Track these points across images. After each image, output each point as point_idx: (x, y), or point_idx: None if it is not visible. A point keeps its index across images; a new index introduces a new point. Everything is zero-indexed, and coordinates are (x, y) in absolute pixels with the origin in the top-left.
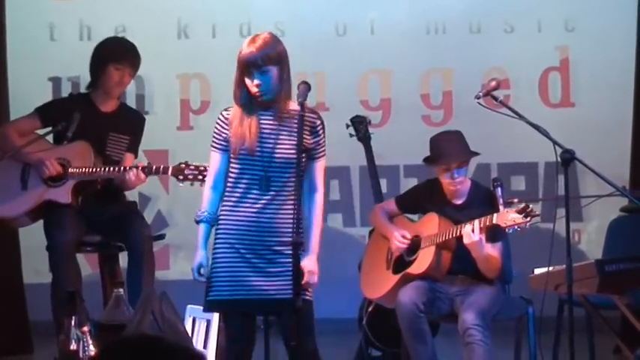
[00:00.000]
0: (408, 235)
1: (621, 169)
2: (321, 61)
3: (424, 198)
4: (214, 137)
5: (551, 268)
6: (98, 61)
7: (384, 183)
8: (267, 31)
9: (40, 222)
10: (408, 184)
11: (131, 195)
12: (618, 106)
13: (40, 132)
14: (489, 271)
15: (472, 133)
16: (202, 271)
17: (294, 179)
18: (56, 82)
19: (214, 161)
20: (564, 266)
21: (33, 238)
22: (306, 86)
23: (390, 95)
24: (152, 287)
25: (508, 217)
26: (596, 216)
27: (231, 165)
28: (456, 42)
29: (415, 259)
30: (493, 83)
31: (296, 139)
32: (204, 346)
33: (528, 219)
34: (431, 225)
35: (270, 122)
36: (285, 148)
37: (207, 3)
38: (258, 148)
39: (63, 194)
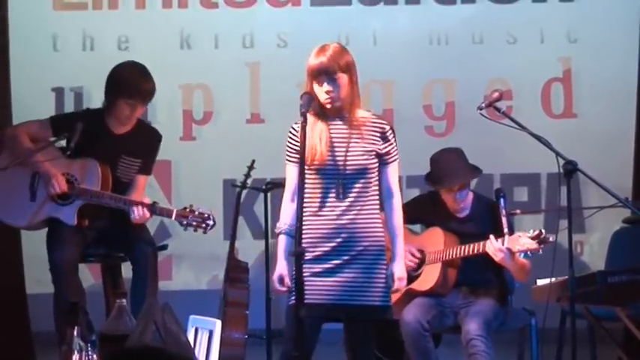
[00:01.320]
0: (418, 254)
1: (624, 181)
2: None
3: (427, 209)
4: (287, 150)
5: (553, 280)
6: (111, 90)
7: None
8: (336, 42)
9: (43, 232)
10: (411, 194)
11: None
12: (621, 118)
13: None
14: (524, 276)
15: (474, 144)
16: (285, 281)
17: (370, 185)
18: (59, 92)
19: (290, 174)
20: (567, 277)
21: (35, 248)
22: (308, 97)
23: (393, 106)
24: (155, 298)
25: (520, 241)
26: (598, 227)
27: (307, 176)
28: (458, 53)
29: (420, 275)
30: (496, 94)
31: (368, 145)
32: (207, 357)
33: (542, 246)
34: (435, 240)
35: (341, 130)
36: (357, 155)
37: (210, 14)
38: (330, 157)
39: (69, 215)
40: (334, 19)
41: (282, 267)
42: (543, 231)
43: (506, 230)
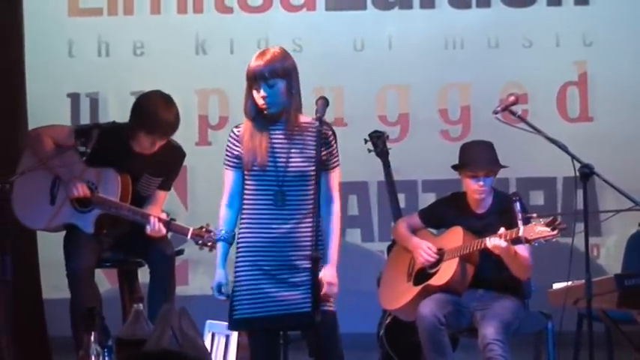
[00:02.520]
0: (434, 249)
1: None
2: (339, 76)
3: (448, 211)
4: (226, 155)
5: (570, 283)
6: (133, 119)
7: (402, 198)
8: (279, 46)
9: (60, 236)
10: (427, 199)
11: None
12: (637, 121)
13: None
14: (522, 272)
15: None
16: (222, 289)
17: (311, 193)
18: (75, 98)
19: (228, 179)
20: (583, 281)
21: (52, 253)
22: (324, 101)
23: (408, 110)
24: (172, 303)
25: (535, 229)
26: (615, 230)
27: (246, 181)
28: (474, 57)
29: (437, 271)
30: (511, 98)
31: (309, 151)
32: None
33: (556, 232)
34: (455, 238)
35: (281, 136)
36: (298, 161)
37: (225, 19)
38: (271, 163)
39: (87, 223)
40: (349, 24)
41: (219, 275)
42: (558, 218)
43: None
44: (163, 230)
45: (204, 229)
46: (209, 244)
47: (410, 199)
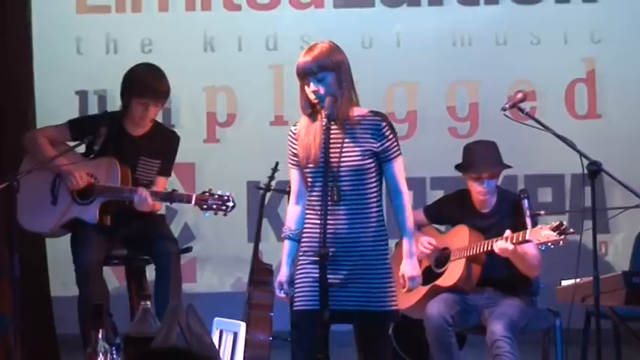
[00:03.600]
0: (434, 242)
1: None
2: None
3: (453, 208)
4: (288, 154)
5: (578, 280)
6: (124, 91)
7: (410, 195)
8: (328, 40)
9: (67, 235)
10: (435, 196)
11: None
12: None
13: (70, 144)
14: (531, 270)
15: (498, 145)
16: (284, 287)
17: (369, 186)
18: (83, 95)
19: (293, 178)
20: (591, 278)
21: (60, 252)
22: (332, 99)
23: (417, 107)
24: (179, 300)
25: (541, 233)
26: (623, 228)
27: (307, 179)
28: (482, 54)
29: (444, 271)
30: (519, 95)
31: (363, 145)
32: (232, 359)
33: (563, 237)
34: (461, 237)
35: (335, 130)
36: (352, 155)
37: (234, 16)
38: (322, 158)
39: (91, 214)
40: (357, 21)
41: (282, 274)
42: (564, 222)
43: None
44: (149, 198)
45: (207, 194)
46: (214, 207)
47: (418, 197)
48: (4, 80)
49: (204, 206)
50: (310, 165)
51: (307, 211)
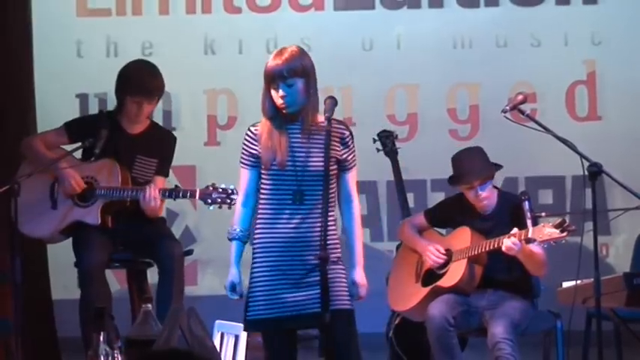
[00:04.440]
0: (442, 249)
1: None
2: (348, 75)
3: (454, 211)
4: (243, 154)
5: (579, 282)
6: (117, 89)
7: (411, 197)
8: (295, 44)
9: (67, 239)
10: (435, 198)
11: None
12: None
13: (69, 148)
14: (538, 269)
15: (499, 147)
16: (237, 289)
17: (329, 193)
18: (83, 98)
19: (244, 178)
20: (592, 280)
21: (61, 255)
22: (332, 101)
23: (417, 110)
24: (181, 303)
25: (544, 231)
26: (623, 229)
27: (263, 180)
28: (482, 56)
29: (446, 272)
30: (520, 97)
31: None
32: None
33: (565, 234)
34: (463, 238)
35: (299, 136)
36: (317, 161)
37: (234, 19)
38: (290, 162)
39: (92, 216)
40: (358, 24)
41: (233, 274)
42: (566, 219)
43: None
44: (158, 196)
45: (211, 188)
46: (219, 200)
47: (419, 199)
48: (5, 83)
49: (209, 200)
50: (274, 167)
51: (264, 213)
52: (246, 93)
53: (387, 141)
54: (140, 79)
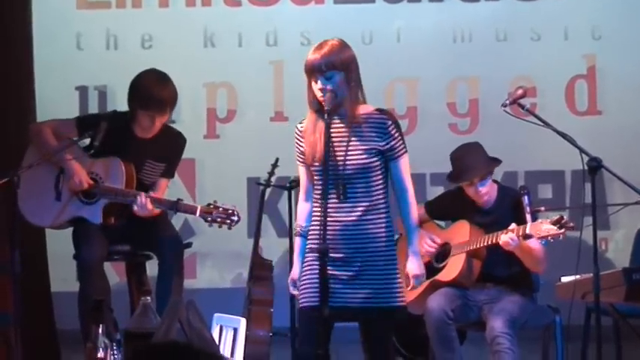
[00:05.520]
0: (438, 240)
1: None
2: None
3: (454, 204)
4: (295, 152)
5: (578, 277)
6: (130, 99)
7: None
8: (338, 38)
9: (68, 229)
10: (435, 192)
11: None
12: None
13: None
14: (537, 265)
15: (499, 141)
16: (297, 284)
17: (374, 184)
18: (83, 91)
19: (301, 175)
20: (591, 275)
21: (60, 247)
22: (332, 94)
23: (417, 103)
24: (180, 296)
25: (542, 227)
26: (623, 224)
27: (313, 175)
28: (482, 50)
29: (444, 266)
30: (520, 91)
31: (369, 143)
32: (232, 355)
33: (563, 230)
34: (461, 232)
35: (341, 128)
36: (357, 153)
37: (234, 12)
38: (331, 156)
39: (95, 214)
40: (358, 17)
41: (294, 271)
42: (564, 216)
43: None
44: (150, 205)
45: (212, 206)
46: (218, 220)
47: (418, 193)
48: (4, 75)
49: (209, 219)
50: (315, 163)
51: (314, 209)
52: (246, 86)
53: None
54: (151, 93)
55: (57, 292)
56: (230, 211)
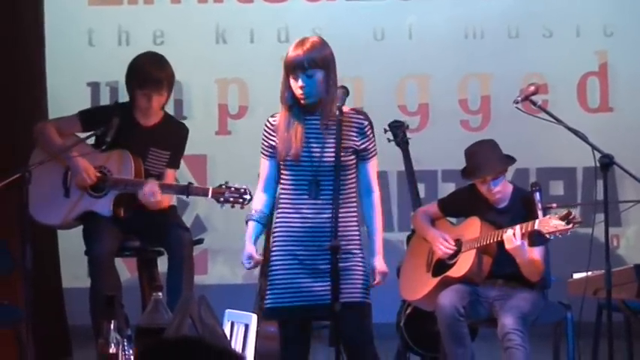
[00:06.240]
0: (451, 241)
1: None
2: (360, 66)
3: (467, 202)
4: (262, 144)
5: (589, 273)
6: (127, 82)
7: (422, 188)
8: (317, 35)
9: (78, 227)
10: (446, 188)
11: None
12: None
13: (81, 136)
14: (532, 275)
15: (510, 138)
16: (253, 257)
17: (348, 183)
18: (95, 87)
19: (263, 167)
20: (603, 271)
21: (71, 243)
22: (344, 91)
23: (428, 100)
24: (191, 291)
25: (550, 223)
26: (635, 221)
27: (282, 171)
28: (494, 47)
29: (455, 263)
30: (532, 88)
31: (345, 142)
32: (243, 351)
33: (571, 225)
34: (473, 229)
35: (317, 126)
36: (333, 151)
37: (245, 8)
38: (305, 154)
39: (105, 207)
40: (369, 14)
41: (250, 248)
42: (572, 211)
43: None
44: (158, 190)
45: (223, 187)
46: (231, 200)
47: (430, 189)
48: (17, 72)
49: (221, 199)
50: (289, 158)
51: (283, 206)
52: (258, 82)
53: (398, 131)
54: (147, 72)
55: (68, 288)
56: (242, 190)
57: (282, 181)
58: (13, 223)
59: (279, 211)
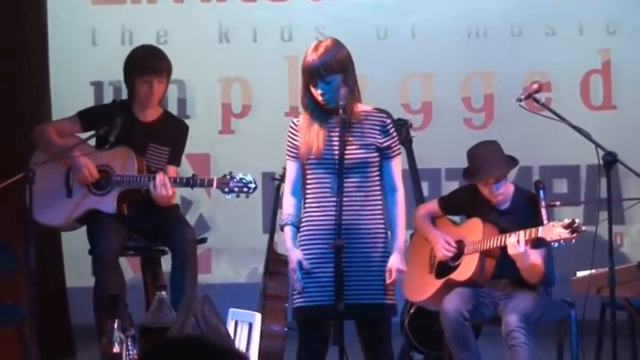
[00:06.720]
0: (453, 242)
1: None
2: (363, 64)
3: (468, 201)
4: (287, 146)
5: (593, 271)
6: (126, 73)
7: (425, 186)
8: (330, 37)
9: (81, 228)
10: (450, 187)
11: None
12: None
13: (83, 136)
14: (532, 278)
15: (514, 136)
16: (304, 265)
17: (371, 180)
18: (98, 86)
19: (289, 169)
20: (606, 269)
21: (75, 243)
22: (347, 90)
23: (432, 98)
24: (195, 290)
25: (554, 231)
26: (638, 219)
27: (307, 172)
28: (497, 45)
29: (459, 265)
30: (535, 86)
31: (367, 140)
32: (247, 350)
33: (575, 235)
34: (475, 230)
35: (339, 126)
36: (355, 148)
37: (249, 7)
38: (327, 153)
39: (108, 204)
40: (372, 12)
41: (296, 254)
42: (576, 220)
43: (545, 222)
44: (169, 185)
45: (227, 177)
46: (236, 189)
47: (433, 188)
48: (20, 71)
49: (226, 189)
50: (312, 157)
51: (308, 205)
52: (261, 81)
53: (401, 130)
54: (146, 59)
55: (71, 287)
56: (246, 180)
57: (307, 182)
58: (16, 222)
59: (305, 211)
